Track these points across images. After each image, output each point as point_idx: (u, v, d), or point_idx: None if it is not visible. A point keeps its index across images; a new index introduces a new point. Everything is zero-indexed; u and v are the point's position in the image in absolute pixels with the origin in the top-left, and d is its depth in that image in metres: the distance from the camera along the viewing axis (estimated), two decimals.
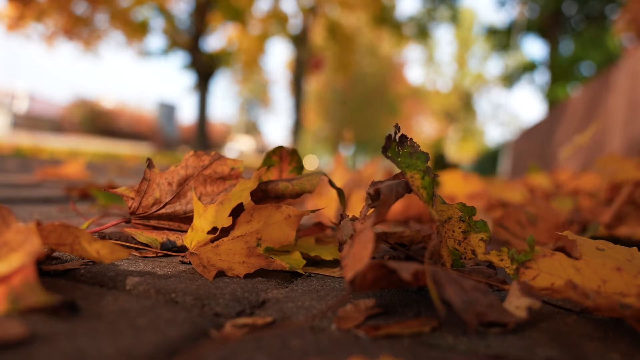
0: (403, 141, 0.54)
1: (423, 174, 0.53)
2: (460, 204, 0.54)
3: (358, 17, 14.72)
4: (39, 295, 0.36)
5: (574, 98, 5.38)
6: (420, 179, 0.53)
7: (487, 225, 0.54)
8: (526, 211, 0.98)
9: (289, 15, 13.76)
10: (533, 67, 13.88)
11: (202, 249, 0.58)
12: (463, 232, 0.54)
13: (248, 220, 0.60)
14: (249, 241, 0.59)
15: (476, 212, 0.54)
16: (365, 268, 0.40)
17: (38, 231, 0.45)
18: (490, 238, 0.54)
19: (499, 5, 14.31)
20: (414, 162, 0.54)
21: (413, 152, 0.54)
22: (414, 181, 0.53)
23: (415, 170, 0.53)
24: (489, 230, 0.54)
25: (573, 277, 0.47)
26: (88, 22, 11.13)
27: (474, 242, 0.54)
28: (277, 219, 0.59)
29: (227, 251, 0.58)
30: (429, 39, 16.47)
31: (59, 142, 13.13)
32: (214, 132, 22.43)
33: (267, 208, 0.60)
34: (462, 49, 30.21)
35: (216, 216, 0.59)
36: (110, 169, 3.55)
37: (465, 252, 0.54)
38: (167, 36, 12.53)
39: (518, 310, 0.42)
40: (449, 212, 0.55)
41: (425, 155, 0.54)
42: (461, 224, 0.54)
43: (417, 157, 0.54)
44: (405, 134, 0.55)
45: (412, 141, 0.54)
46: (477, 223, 0.54)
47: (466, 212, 0.54)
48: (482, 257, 0.53)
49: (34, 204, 1.22)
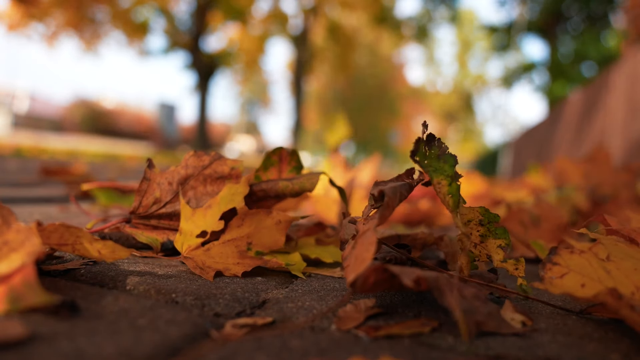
0: (431, 141, 0.51)
1: (451, 180, 0.50)
2: (482, 208, 0.52)
3: (358, 17, 14.72)
4: (39, 295, 0.36)
5: (574, 98, 5.38)
6: (448, 185, 0.50)
7: (507, 232, 0.52)
8: (529, 212, 0.97)
9: (289, 15, 13.77)
10: (533, 67, 13.88)
11: (193, 252, 0.58)
12: (481, 235, 0.53)
13: (239, 225, 0.60)
14: (240, 245, 0.59)
15: (499, 219, 0.52)
16: (367, 271, 0.39)
17: (39, 231, 0.46)
18: (510, 245, 0.52)
19: (499, 5, 14.31)
20: (442, 166, 0.51)
21: (441, 154, 0.51)
22: (440, 188, 0.50)
23: (442, 175, 0.50)
24: (509, 238, 0.52)
25: (604, 280, 0.45)
26: (89, 21, 11.14)
27: (492, 247, 0.52)
28: (268, 224, 0.60)
29: (219, 254, 0.58)
30: (429, 39, 16.48)
31: (60, 142, 13.13)
32: (215, 132, 22.44)
33: (258, 213, 0.60)
34: (463, 50, 30.21)
35: (205, 220, 0.59)
36: (111, 168, 3.55)
37: (480, 256, 0.53)
38: (168, 36, 12.54)
39: (513, 322, 0.44)
40: (470, 215, 0.53)
41: (454, 158, 0.51)
42: (480, 228, 0.53)
43: (445, 159, 0.51)
44: (433, 133, 0.51)
45: (441, 141, 0.51)
46: (497, 229, 0.52)
47: (488, 217, 0.52)
48: (498, 264, 0.52)
49: (35, 203, 1.22)
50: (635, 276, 0.45)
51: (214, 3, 11.71)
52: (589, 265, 0.46)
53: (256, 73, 18.93)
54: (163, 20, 12.35)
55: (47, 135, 17.26)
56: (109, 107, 25.55)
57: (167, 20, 12.28)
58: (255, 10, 12.86)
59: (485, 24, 15.32)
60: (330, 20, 13.98)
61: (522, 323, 0.44)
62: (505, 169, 9.46)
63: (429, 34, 15.26)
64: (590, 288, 0.45)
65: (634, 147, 3.27)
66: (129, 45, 12.56)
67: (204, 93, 12.42)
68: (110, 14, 11.30)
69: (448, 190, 0.51)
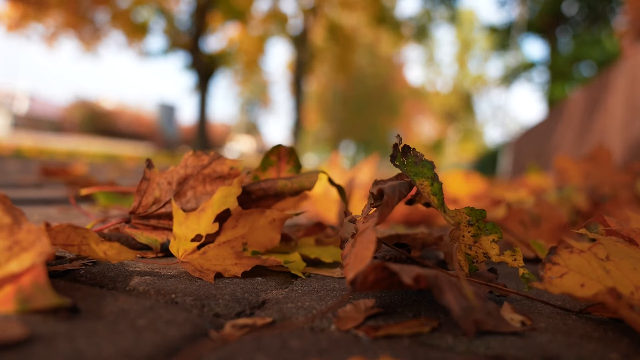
0: (406, 151, 0.55)
1: (432, 181, 0.53)
2: (467, 208, 0.53)
3: (358, 17, 14.73)
4: (49, 297, 0.36)
5: (574, 98, 5.38)
6: (430, 185, 0.53)
7: (497, 226, 0.53)
8: (529, 212, 0.97)
9: (289, 15, 13.78)
10: (532, 67, 13.89)
11: (190, 256, 0.58)
12: (473, 235, 0.53)
13: (233, 226, 0.60)
14: (235, 246, 0.59)
15: (486, 214, 0.53)
16: (367, 268, 0.40)
17: (46, 232, 0.46)
18: (502, 238, 0.53)
19: (499, 5, 14.33)
20: (421, 170, 0.54)
21: (418, 161, 0.54)
22: (423, 188, 0.53)
23: (423, 177, 0.53)
24: (500, 231, 0.53)
25: (603, 280, 0.45)
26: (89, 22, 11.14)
27: (486, 244, 0.53)
28: (262, 223, 0.60)
29: (216, 256, 0.58)
30: (429, 39, 16.48)
31: (59, 142, 13.14)
32: (214, 132, 22.43)
33: (252, 213, 0.60)
34: (463, 50, 30.22)
35: (199, 223, 0.58)
36: (111, 169, 3.55)
37: (477, 256, 0.53)
38: (168, 37, 12.55)
39: (512, 321, 0.44)
40: (457, 218, 0.54)
41: (430, 164, 0.54)
42: (470, 228, 0.53)
43: (423, 165, 0.54)
44: (408, 145, 0.55)
45: (415, 151, 0.55)
46: (487, 225, 0.53)
47: (474, 215, 0.53)
48: (496, 258, 0.52)
49: (35, 204, 1.22)
50: (635, 276, 0.45)
51: (213, 3, 11.71)
52: (589, 265, 0.46)
53: (256, 73, 18.94)
54: (163, 21, 12.35)
55: (47, 136, 17.27)
56: (108, 108, 25.57)
57: (166, 21, 12.28)
58: (255, 10, 12.87)
59: (485, 24, 15.34)
60: (330, 21, 13.98)
61: (522, 322, 0.44)
62: (505, 169, 9.46)
63: (429, 34, 15.27)
64: (590, 288, 0.45)
65: (634, 147, 3.27)
66: (129, 46, 12.57)
67: (203, 93, 12.42)
68: (110, 15, 11.30)
69: (431, 190, 0.53)
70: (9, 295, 0.36)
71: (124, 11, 11.28)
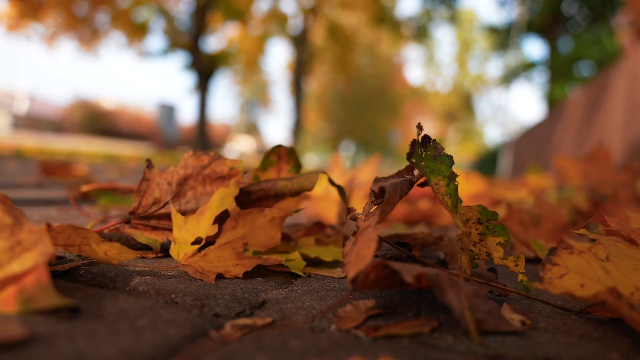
0: (426, 142, 0.51)
1: (448, 181, 0.51)
2: (480, 206, 0.53)
3: (358, 17, 14.72)
4: (52, 297, 0.36)
5: (574, 98, 5.38)
6: (445, 185, 0.51)
7: (506, 229, 0.53)
8: (529, 212, 0.97)
9: (289, 15, 13.78)
10: (532, 67, 13.89)
11: (191, 259, 0.57)
12: (480, 234, 0.53)
13: (233, 227, 0.60)
14: (236, 247, 0.59)
15: (498, 217, 0.53)
16: (368, 267, 0.39)
17: (48, 232, 0.46)
18: (509, 242, 0.53)
19: (499, 6, 14.33)
20: (438, 166, 0.51)
21: (437, 155, 0.51)
22: (438, 188, 0.51)
23: (440, 176, 0.51)
24: (508, 234, 0.53)
25: (603, 280, 0.45)
26: (88, 22, 11.14)
27: (491, 245, 0.52)
28: (262, 222, 0.60)
29: (216, 258, 0.58)
30: (429, 39, 16.49)
31: (59, 142, 13.13)
32: (214, 132, 22.43)
33: (251, 213, 0.60)
34: (463, 50, 30.22)
35: (198, 226, 0.58)
36: (111, 169, 3.55)
37: (480, 254, 0.53)
38: (168, 37, 12.55)
39: (513, 321, 0.44)
40: (468, 214, 0.53)
41: (450, 159, 0.51)
42: (478, 226, 0.53)
43: (442, 160, 0.51)
44: (428, 135, 0.52)
45: (436, 142, 0.52)
46: (496, 227, 0.53)
47: (486, 215, 0.53)
48: (498, 261, 0.52)
49: (34, 205, 1.22)
50: (635, 276, 0.45)
51: (213, 3, 11.71)
52: (588, 266, 0.46)
53: (256, 73, 18.95)
54: (163, 21, 12.35)
55: (47, 136, 17.26)
56: (108, 108, 25.58)
57: (166, 21, 12.28)
58: (254, 10, 12.87)
59: (485, 24, 15.34)
60: (329, 21, 13.98)
61: (522, 322, 0.44)
62: (505, 169, 9.46)
63: (429, 34, 15.28)
64: (590, 288, 0.45)
65: (634, 147, 3.27)
66: (129, 46, 12.57)
67: (203, 93, 12.42)
68: (109, 15, 11.30)
69: (446, 190, 0.51)
70: (11, 295, 0.36)
71: (124, 11, 11.28)
